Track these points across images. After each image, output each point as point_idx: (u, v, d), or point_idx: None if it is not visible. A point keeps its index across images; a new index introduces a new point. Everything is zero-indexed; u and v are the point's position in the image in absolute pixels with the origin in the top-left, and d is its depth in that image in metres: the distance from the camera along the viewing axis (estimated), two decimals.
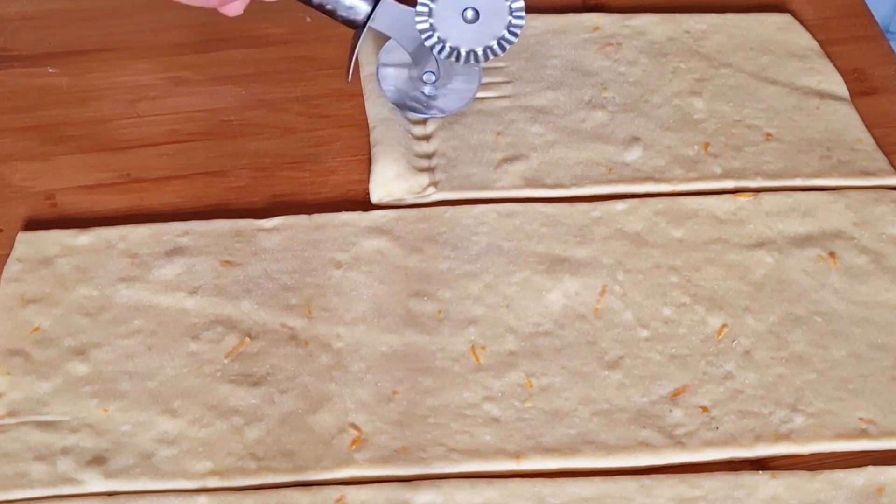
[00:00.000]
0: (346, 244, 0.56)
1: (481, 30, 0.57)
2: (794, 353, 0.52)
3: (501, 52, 0.57)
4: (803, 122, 0.64)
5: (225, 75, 0.66)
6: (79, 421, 0.49)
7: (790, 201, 0.59)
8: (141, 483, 0.47)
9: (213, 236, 0.56)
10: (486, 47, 0.57)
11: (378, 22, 0.56)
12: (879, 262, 0.56)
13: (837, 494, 0.47)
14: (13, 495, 0.47)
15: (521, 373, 0.51)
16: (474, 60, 0.58)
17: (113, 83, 0.66)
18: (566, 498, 0.47)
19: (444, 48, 0.57)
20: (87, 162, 0.61)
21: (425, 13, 0.56)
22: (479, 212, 0.58)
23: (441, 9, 0.56)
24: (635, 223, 0.58)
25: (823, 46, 0.69)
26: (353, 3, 0.55)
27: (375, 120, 0.62)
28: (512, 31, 0.57)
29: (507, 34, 0.57)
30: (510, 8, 0.56)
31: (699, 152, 0.62)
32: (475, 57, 0.58)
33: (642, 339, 0.53)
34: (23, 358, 0.51)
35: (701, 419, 0.50)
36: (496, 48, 0.57)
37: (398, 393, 0.50)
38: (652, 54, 0.68)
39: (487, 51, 0.57)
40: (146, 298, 0.54)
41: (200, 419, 0.49)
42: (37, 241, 0.56)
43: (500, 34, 0.57)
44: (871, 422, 0.50)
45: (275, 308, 0.53)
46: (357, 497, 0.47)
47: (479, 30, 0.57)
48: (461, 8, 0.56)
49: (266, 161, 0.61)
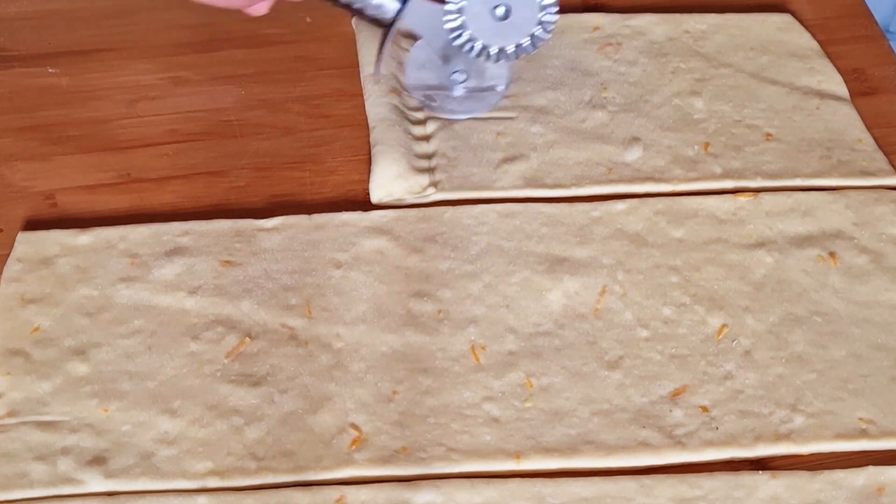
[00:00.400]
0: (346, 244, 0.56)
1: (512, 27, 0.55)
2: (794, 353, 0.52)
3: (533, 49, 0.56)
4: (803, 122, 0.64)
5: (225, 75, 0.66)
6: (79, 421, 0.49)
7: (790, 201, 0.59)
8: (141, 483, 0.47)
9: (213, 236, 0.56)
10: (517, 45, 0.56)
11: (407, 20, 0.55)
12: (879, 262, 0.56)
13: (837, 494, 0.47)
14: (13, 495, 0.47)
15: (521, 373, 0.51)
16: (505, 59, 0.56)
17: (113, 83, 0.66)
18: (566, 498, 0.47)
19: (473, 47, 0.56)
20: (87, 162, 0.61)
21: (455, 11, 0.55)
22: (479, 212, 0.58)
23: (471, 6, 0.54)
24: (635, 223, 0.58)
25: (823, 46, 0.69)
26: (381, 2, 0.54)
27: (375, 120, 0.62)
28: (545, 28, 0.55)
29: (540, 31, 0.55)
30: (541, 5, 0.55)
31: (699, 152, 0.62)
32: (505, 55, 0.56)
33: (642, 339, 0.53)
34: (23, 358, 0.51)
35: (701, 419, 0.50)
36: (527, 45, 0.56)
37: (398, 393, 0.50)
38: (652, 54, 0.68)
39: (518, 48, 0.56)
40: (146, 298, 0.54)
41: (200, 419, 0.49)
42: (37, 241, 0.56)
43: (532, 31, 0.55)
44: (871, 422, 0.50)
45: (275, 308, 0.53)
46: (357, 497, 0.47)
47: (509, 27, 0.55)
48: (492, 5, 0.55)
49: (266, 161, 0.61)
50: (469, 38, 0.55)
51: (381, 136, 0.61)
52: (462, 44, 0.55)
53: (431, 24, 0.55)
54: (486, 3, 0.55)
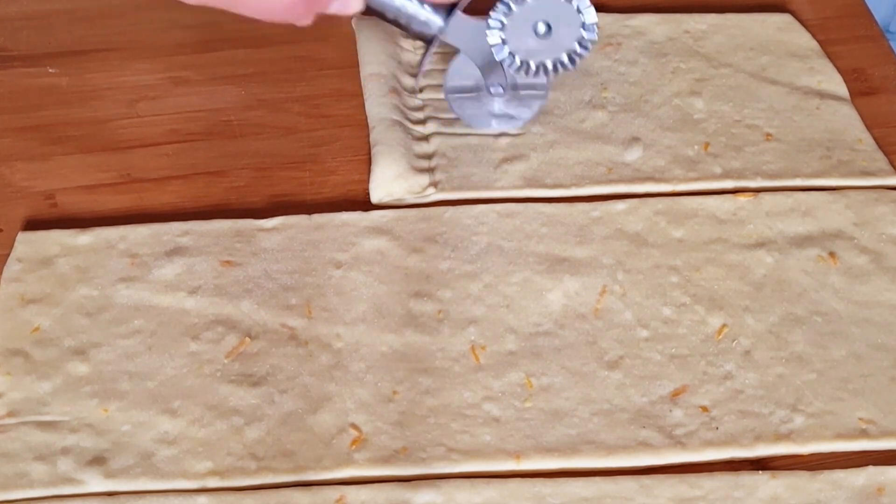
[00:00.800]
0: (346, 244, 0.56)
1: (552, 43, 0.56)
2: (794, 353, 0.52)
3: (572, 66, 0.57)
4: (803, 122, 0.64)
5: (225, 75, 0.66)
6: (79, 421, 0.49)
7: (790, 201, 0.59)
8: (141, 483, 0.47)
9: (213, 236, 0.56)
10: (556, 60, 0.57)
11: (450, 35, 0.56)
12: (879, 262, 0.56)
13: (837, 494, 0.47)
14: (13, 495, 0.47)
15: (521, 373, 0.51)
16: (544, 73, 0.57)
17: (113, 83, 0.66)
18: (566, 498, 0.47)
19: (513, 62, 0.57)
20: (87, 162, 0.61)
21: (497, 27, 0.56)
22: (479, 212, 0.58)
23: (513, 23, 0.55)
24: (635, 223, 0.58)
25: (823, 46, 0.69)
26: (427, 18, 0.55)
27: (375, 120, 0.62)
28: (584, 45, 0.56)
29: (579, 48, 0.56)
30: (583, 22, 0.56)
31: (699, 152, 0.62)
32: (545, 70, 0.57)
33: (642, 339, 0.53)
34: (23, 358, 0.51)
35: (701, 419, 0.50)
36: (566, 62, 0.57)
37: (398, 393, 0.50)
38: (652, 54, 0.68)
39: (558, 64, 0.57)
40: (146, 298, 0.54)
41: (200, 419, 0.49)
42: (37, 241, 0.56)
43: (571, 47, 0.56)
44: (871, 422, 0.50)
45: (275, 308, 0.53)
46: (357, 497, 0.47)
47: (550, 43, 0.56)
48: (533, 22, 0.55)
49: (266, 161, 0.61)
50: (509, 52, 0.56)
51: (381, 136, 0.61)
52: (503, 58, 0.56)
53: (473, 39, 0.56)
54: (528, 20, 0.55)
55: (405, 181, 0.59)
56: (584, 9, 0.55)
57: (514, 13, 0.55)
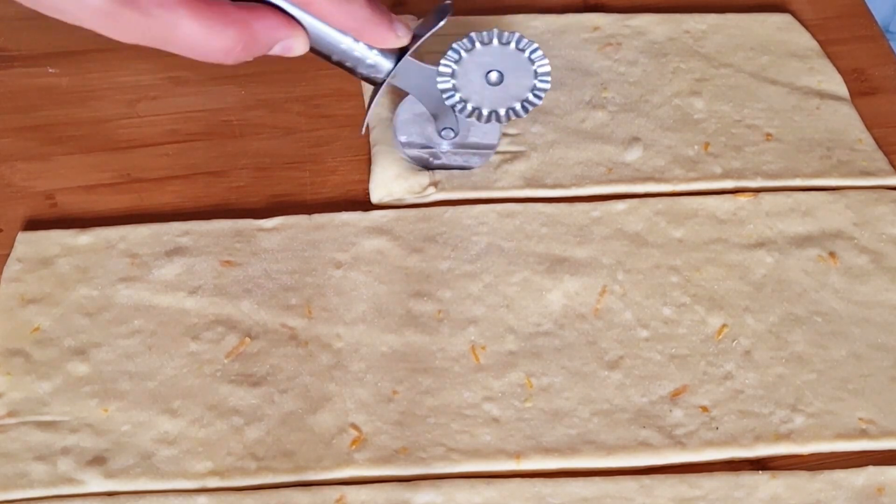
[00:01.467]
0: (346, 244, 0.56)
1: (505, 91, 0.55)
2: (794, 353, 0.52)
3: (524, 113, 0.56)
4: (803, 122, 0.64)
5: (225, 75, 0.66)
6: (79, 421, 0.49)
7: (790, 201, 0.59)
8: (141, 483, 0.47)
9: (213, 236, 0.56)
10: (508, 108, 0.56)
11: (399, 79, 0.54)
12: (879, 262, 0.56)
13: (837, 494, 0.47)
14: (13, 495, 0.47)
15: (521, 373, 0.51)
16: (496, 120, 0.56)
17: (113, 83, 0.66)
18: (566, 498, 0.47)
19: (465, 107, 0.56)
20: (87, 162, 0.61)
21: (448, 73, 0.55)
22: (479, 212, 0.58)
23: (464, 70, 0.54)
24: (635, 223, 0.58)
25: (823, 46, 0.69)
26: (375, 62, 0.52)
27: (375, 120, 0.62)
28: (536, 95, 0.55)
29: (532, 97, 0.55)
30: (535, 72, 0.55)
31: (699, 152, 0.62)
32: (497, 117, 0.56)
33: (642, 339, 0.53)
34: (23, 358, 0.51)
35: (701, 419, 0.50)
36: (519, 109, 0.56)
37: (398, 393, 0.50)
38: (652, 54, 0.68)
39: (510, 112, 0.56)
40: (146, 298, 0.54)
41: (200, 419, 0.49)
42: (37, 241, 0.56)
43: (524, 96, 0.55)
44: (871, 422, 0.50)
45: (275, 308, 0.53)
46: (357, 497, 0.47)
47: (502, 91, 0.55)
48: (485, 70, 0.54)
49: (266, 161, 0.61)
50: (461, 98, 0.55)
51: (381, 136, 0.61)
52: (454, 104, 0.56)
53: (423, 84, 0.55)
54: (479, 69, 0.54)
55: (405, 181, 0.59)
56: (537, 59, 0.54)
57: (465, 60, 0.54)
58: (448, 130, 0.59)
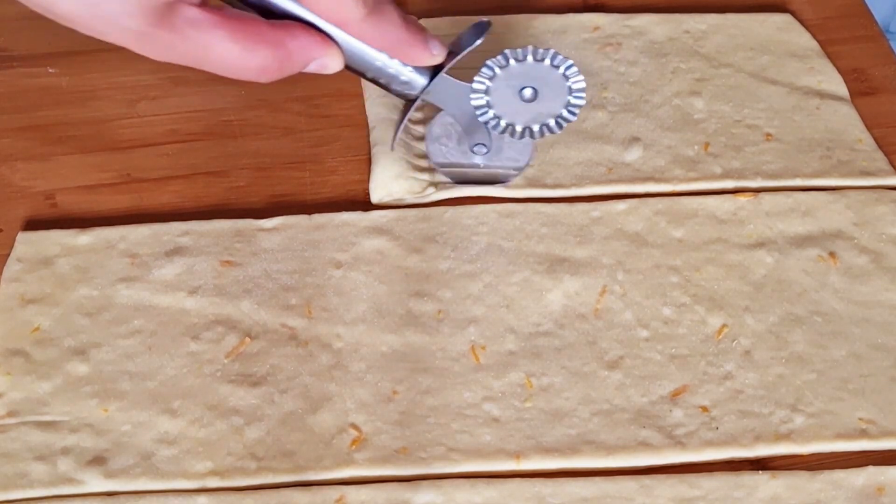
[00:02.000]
0: (346, 244, 0.56)
1: (538, 108, 0.55)
2: (794, 353, 0.52)
3: (559, 130, 0.55)
4: (803, 122, 0.64)
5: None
6: (79, 421, 0.49)
7: (790, 201, 0.59)
8: (141, 483, 0.47)
9: (213, 236, 0.56)
10: (542, 125, 0.55)
11: (433, 96, 0.54)
12: (879, 262, 0.56)
13: (837, 494, 0.47)
14: (13, 495, 0.47)
15: (521, 373, 0.51)
16: (529, 137, 0.55)
17: (113, 83, 0.66)
18: (566, 498, 0.47)
19: (499, 124, 0.55)
20: (87, 162, 0.61)
21: (482, 90, 0.54)
22: (479, 212, 0.58)
23: (498, 87, 0.54)
24: (635, 223, 0.58)
25: (823, 46, 0.69)
26: (409, 78, 0.52)
27: (375, 120, 0.62)
28: (571, 111, 0.55)
29: (566, 113, 0.55)
30: (570, 88, 0.54)
31: (699, 152, 0.62)
32: (531, 133, 0.55)
33: (642, 339, 0.53)
34: (23, 358, 0.51)
35: (701, 419, 0.50)
36: (553, 126, 0.55)
37: (398, 393, 0.50)
38: (652, 54, 0.68)
39: (544, 128, 0.55)
40: (146, 298, 0.54)
41: (200, 419, 0.49)
42: (37, 241, 0.56)
43: (558, 112, 0.55)
44: (871, 422, 0.50)
45: (275, 308, 0.53)
46: (357, 497, 0.47)
47: (536, 108, 0.55)
48: (519, 86, 0.54)
49: (266, 161, 0.61)
50: (494, 115, 0.55)
51: (382, 136, 0.61)
52: (487, 121, 0.55)
53: (457, 101, 0.55)
54: (514, 84, 0.54)
55: (405, 181, 0.59)
56: (572, 75, 0.54)
57: (499, 76, 0.54)
58: (480, 146, 0.59)
